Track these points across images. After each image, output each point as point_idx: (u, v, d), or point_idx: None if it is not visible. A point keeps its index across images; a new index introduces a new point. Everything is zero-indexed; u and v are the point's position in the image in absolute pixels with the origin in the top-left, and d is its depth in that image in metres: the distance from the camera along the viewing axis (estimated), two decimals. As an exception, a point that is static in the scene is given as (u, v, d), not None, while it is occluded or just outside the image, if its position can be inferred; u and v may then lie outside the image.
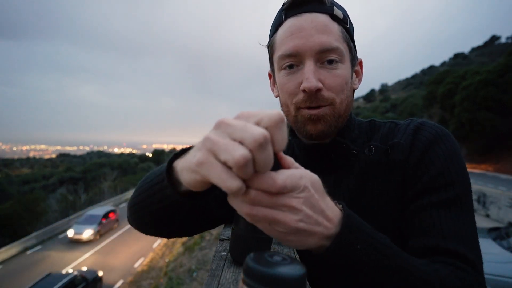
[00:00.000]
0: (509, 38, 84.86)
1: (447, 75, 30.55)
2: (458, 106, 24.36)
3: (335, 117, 0.64)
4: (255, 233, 0.57)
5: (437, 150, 0.60)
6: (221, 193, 0.72)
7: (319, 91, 0.61)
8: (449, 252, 0.52)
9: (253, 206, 0.37)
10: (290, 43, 0.62)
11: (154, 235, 0.66)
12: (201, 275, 9.12)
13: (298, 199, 0.38)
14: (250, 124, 0.34)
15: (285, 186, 0.36)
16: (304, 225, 0.39)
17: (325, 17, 0.62)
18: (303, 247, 0.42)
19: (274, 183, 0.35)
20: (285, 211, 0.38)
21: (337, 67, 0.62)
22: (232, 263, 0.59)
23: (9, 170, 64.19)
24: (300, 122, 0.66)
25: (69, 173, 48.88)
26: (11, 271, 16.18)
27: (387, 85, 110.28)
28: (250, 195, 0.36)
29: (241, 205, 0.37)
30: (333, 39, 0.61)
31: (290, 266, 0.31)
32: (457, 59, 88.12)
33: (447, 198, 0.57)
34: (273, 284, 0.30)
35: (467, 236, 0.54)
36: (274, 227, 0.39)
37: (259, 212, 0.37)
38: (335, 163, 0.70)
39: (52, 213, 27.98)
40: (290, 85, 0.64)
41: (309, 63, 0.61)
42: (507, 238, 3.76)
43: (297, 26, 0.62)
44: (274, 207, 0.37)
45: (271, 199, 0.36)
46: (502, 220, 10.35)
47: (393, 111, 51.95)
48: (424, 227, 0.56)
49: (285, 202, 0.37)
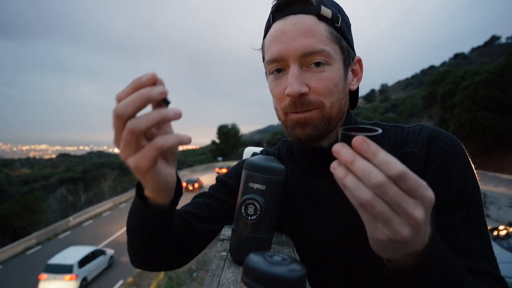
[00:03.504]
0: (509, 38, 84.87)
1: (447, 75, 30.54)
2: (458, 106, 24.33)
3: (324, 121, 0.63)
4: (255, 233, 0.57)
5: (455, 164, 0.60)
6: (204, 210, 0.76)
7: (304, 95, 0.60)
8: (482, 273, 0.54)
9: (375, 196, 0.35)
10: (274, 48, 0.62)
11: (154, 267, 0.69)
12: (201, 275, 9.11)
13: (422, 212, 0.35)
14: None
15: (407, 176, 0.33)
16: (411, 239, 0.36)
17: (311, 18, 0.60)
18: (384, 255, 0.41)
19: (396, 166, 0.33)
20: (403, 217, 0.35)
21: (324, 69, 0.61)
22: (232, 263, 0.59)
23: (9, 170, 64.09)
24: (289, 126, 0.65)
25: (69, 173, 48.86)
26: (11, 271, 16.17)
27: (387, 85, 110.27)
28: (376, 178, 0.34)
29: (361, 190, 0.35)
30: (316, 42, 0.59)
31: (290, 266, 0.31)
32: (457, 59, 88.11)
33: (469, 215, 0.57)
34: (273, 284, 0.30)
35: (491, 253, 0.57)
36: (380, 226, 0.37)
37: (378, 205, 0.35)
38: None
39: (52, 213, 27.96)
40: (277, 90, 0.64)
41: (293, 67, 0.60)
42: (507, 238, 3.76)
43: (280, 31, 0.61)
44: (397, 207, 0.35)
45: (397, 194, 0.34)
46: (502, 220, 10.35)
47: (393, 111, 51.92)
48: (451, 247, 0.56)
49: (409, 208, 0.34)
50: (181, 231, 0.70)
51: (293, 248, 0.69)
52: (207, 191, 0.81)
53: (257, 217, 0.55)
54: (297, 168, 0.75)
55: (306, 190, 0.72)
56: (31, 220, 24.72)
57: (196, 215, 0.74)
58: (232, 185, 0.78)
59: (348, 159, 0.35)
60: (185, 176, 41.34)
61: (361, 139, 0.35)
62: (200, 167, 50.02)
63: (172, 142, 0.41)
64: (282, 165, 0.59)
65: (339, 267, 0.67)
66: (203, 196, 0.79)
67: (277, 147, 0.85)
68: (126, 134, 0.39)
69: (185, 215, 0.73)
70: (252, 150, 1.07)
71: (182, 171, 45.46)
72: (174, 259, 0.69)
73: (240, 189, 0.58)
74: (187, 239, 0.71)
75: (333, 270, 0.68)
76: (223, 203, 0.77)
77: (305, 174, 0.73)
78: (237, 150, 53.33)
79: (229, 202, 0.77)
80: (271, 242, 0.61)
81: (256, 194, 0.55)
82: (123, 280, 14.13)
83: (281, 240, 0.72)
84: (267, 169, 0.56)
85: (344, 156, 0.36)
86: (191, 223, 0.73)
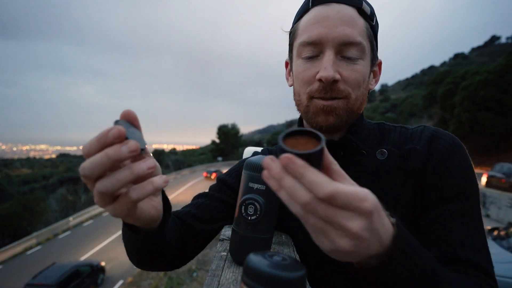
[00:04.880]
0: (509, 38, 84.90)
1: (447, 75, 30.55)
2: (458, 106, 24.33)
3: (347, 112, 0.63)
4: (255, 233, 0.57)
5: (455, 161, 0.61)
6: (204, 210, 0.76)
7: (336, 82, 0.60)
8: (469, 263, 0.54)
9: (306, 212, 0.34)
10: (314, 31, 0.61)
11: (154, 268, 0.69)
12: (201, 275, 9.12)
13: (359, 223, 0.33)
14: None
15: (338, 195, 0.32)
16: (356, 248, 0.35)
17: (353, 10, 0.61)
18: (342, 260, 0.39)
19: (323, 187, 0.31)
20: (339, 229, 0.34)
21: (357, 62, 0.61)
22: (232, 263, 0.59)
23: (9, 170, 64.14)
24: (311, 112, 0.65)
25: (69, 173, 48.92)
26: (11, 271, 16.18)
27: (387, 85, 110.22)
28: (301, 198, 0.32)
29: (293, 205, 0.34)
30: (357, 33, 0.60)
31: (290, 266, 0.31)
32: (457, 59, 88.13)
33: (463, 209, 0.58)
34: (273, 284, 0.29)
35: (483, 246, 0.57)
36: (321, 237, 0.35)
37: (311, 220, 0.34)
38: (343, 161, 0.69)
39: (52, 213, 27.98)
40: (306, 74, 0.63)
41: (329, 53, 0.60)
42: (507, 238, 3.77)
43: (323, 15, 0.61)
44: (330, 222, 0.33)
45: (327, 211, 0.32)
46: (502, 220, 10.35)
47: (393, 111, 51.91)
48: (442, 237, 0.57)
49: (342, 222, 0.33)
50: (181, 232, 0.70)
51: (293, 248, 0.69)
52: (207, 192, 0.81)
53: (257, 217, 0.55)
54: None
55: None
56: (31, 220, 24.74)
57: (196, 215, 0.74)
58: (232, 184, 0.78)
59: (275, 176, 0.34)
60: (184, 176, 41.33)
61: (287, 158, 0.32)
62: (200, 167, 50.02)
63: (148, 192, 0.39)
64: None
65: (340, 267, 0.67)
66: (203, 197, 0.79)
67: None
68: (96, 195, 0.38)
69: (185, 216, 0.74)
70: (252, 150, 1.06)
71: (182, 171, 45.49)
72: (174, 259, 0.69)
73: (240, 189, 0.58)
74: (187, 240, 0.71)
75: (334, 270, 0.68)
76: (223, 203, 0.77)
77: None
78: (237, 150, 53.33)
79: (229, 202, 0.77)
80: (271, 242, 0.61)
81: (256, 194, 0.55)
82: (123, 280, 14.13)
83: (281, 240, 0.72)
84: None
85: (272, 172, 0.34)
86: (191, 224, 0.73)
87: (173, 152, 77.23)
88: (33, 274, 12.86)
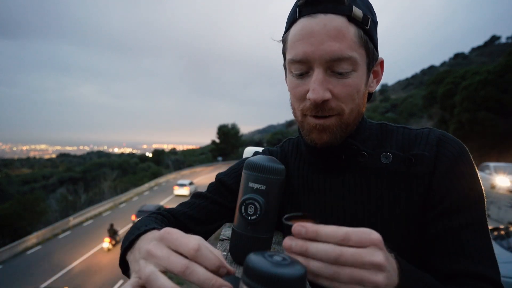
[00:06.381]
0: (509, 38, 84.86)
1: (447, 75, 30.52)
2: (458, 106, 24.31)
3: (341, 128, 0.62)
4: (255, 233, 0.57)
5: (463, 169, 0.60)
6: (200, 211, 0.76)
7: (327, 101, 0.59)
8: (478, 275, 0.54)
9: (338, 266, 0.36)
10: (299, 48, 0.59)
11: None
12: (201, 275, 9.08)
13: (379, 254, 0.36)
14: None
15: (351, 234, 0.36)
16: (387, 281, 0.37)
17: (341, 19, 0.57)
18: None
19: (337, 232, 0.37)
20: (370, 269, 0.36)
21: (349, 75, 0.59)
22: (232, 263, 0.59)
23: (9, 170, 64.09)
24: (306, 129, 0.65)
25: (69, 173, 48.90)
26: (11, 271, 16.17)
27: (387, 85, 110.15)
28: (334, 251, 0.36)
29: (327, 268, 0.36)
30: (346, 47, 0.56)
31: (290, 266, 0.31)
32: (457, 59, 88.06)
33: (471, 219, 0.58)
34: (273, 284, 0.30)
35: (491, 256, 0.57)
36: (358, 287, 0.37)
37: (345, 272, 0.36)
38: (344, 164, 0.68)
39: (52, 213, 27.96)
40: (298, 90, 0.62)
41: (318, 71, 0.58)
42: (507, 238, 3.77)
43: (308, 30, 0.57)
44: (360, 264, 0.36)
45: (354, 252, 0.36)
46: (502, 220, 10.34)
47: (393, 111, 51.87)
48: (451, 250, 0.57)
49: (369, 258, 0.36)
50: None
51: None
52: (205, 192, 0.80)
53: (257, 217, 0.55)
54: (304, 165, 0.74)
55: (314, 187, 0.71)
56: (31, 220, 24.72)
57: (192, 217, 0.74)
58: (231, 186, 0.78)
59: (301, 250, 0.37)
60: (184, 176, 41.31)
61: (298, 226, 0.38)
62: (199, 167, 50.02)
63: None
64: (282, 165, 0.59)
65: None
66: (200, 197, 0.79)
67: (280, 146, 0.83)
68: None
69: (181, 217, 0.74)
70: (252, 150, 1.06)
71: (182, 171, 45.49)
72: None
73: (240, 189, 0.58)
74: None
75: None
76: (219, 205, 0.77)
77: (314, 171, 0.72)
78: (237, 150, 53.32)
79: (226, 204, 0.77)
80: (271, 242, 0.61)
81: (256, 194, 0.55)
82: (123, 280, 14.13)
83: (281, 240, 0.72)
84: (267, 169, 0.55)
85: (296, 248, 0.38)
86: (187, 225, 0.73)
87: (173, 152, 77.16)
88: (33, 274, 12.84)
